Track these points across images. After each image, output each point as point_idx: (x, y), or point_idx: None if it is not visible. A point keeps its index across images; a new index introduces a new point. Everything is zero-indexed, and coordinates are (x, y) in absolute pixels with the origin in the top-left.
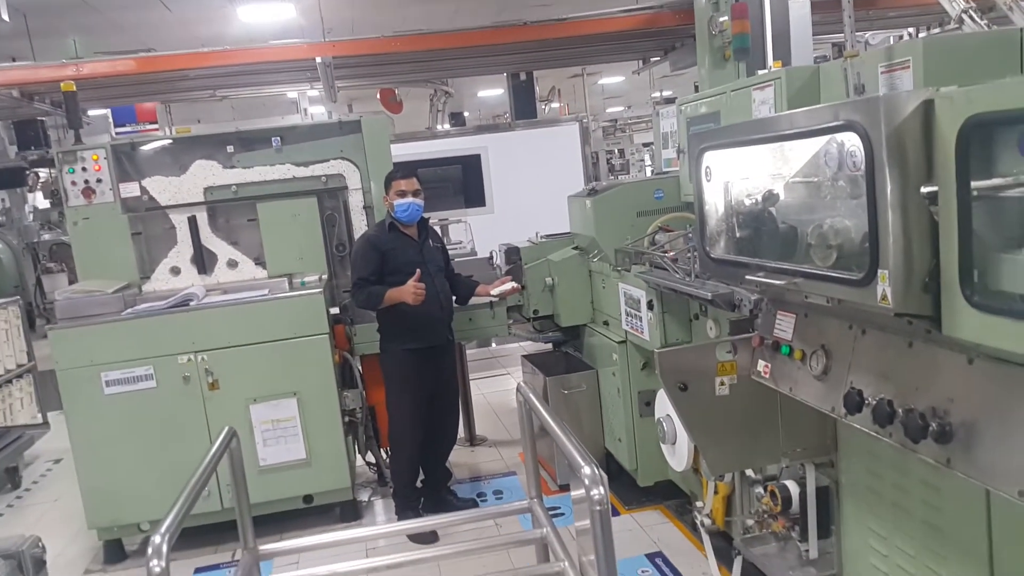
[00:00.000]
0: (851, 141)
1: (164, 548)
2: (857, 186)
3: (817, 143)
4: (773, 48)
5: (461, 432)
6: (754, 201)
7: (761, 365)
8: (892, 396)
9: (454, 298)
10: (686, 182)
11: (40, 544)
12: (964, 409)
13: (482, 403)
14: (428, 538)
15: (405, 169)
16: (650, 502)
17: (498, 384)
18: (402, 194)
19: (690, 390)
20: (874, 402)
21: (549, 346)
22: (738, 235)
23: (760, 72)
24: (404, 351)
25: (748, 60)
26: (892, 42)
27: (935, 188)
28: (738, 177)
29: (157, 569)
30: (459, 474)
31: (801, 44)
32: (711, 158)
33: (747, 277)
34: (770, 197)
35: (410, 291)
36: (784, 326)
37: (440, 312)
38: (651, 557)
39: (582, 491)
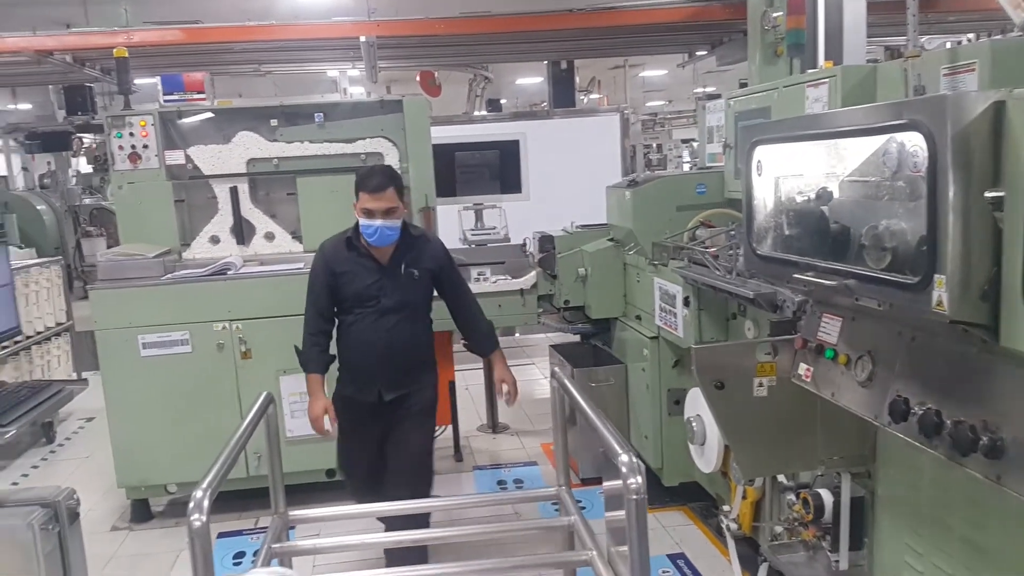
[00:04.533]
0: (913, 141)
1: (205, 503)
2: (917, 187)
3: (876, 142)
4: (825, 47)
5: (483, 419)
6: (806, 199)
7: (803, 368)
8: (940, 407)
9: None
10: (731, 178)
11: (75, 497)
12: (1018, 424)
13: None
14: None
15: (380, 176)
16: (674, 502)
17: (522, 373)
18: (368, 214)
19: (726, 389)
20: (921, 412)
21: (577, 338)
22: (787, 233)
23: (811, 71)
24: (336, 394)
25: (801, 58)
26: (949, 46)
27: (1002, 193)
28: (790, 173)
29: (197, 524)
30: (479, 460)
31: (854, 44)
32: (763, 152)
33: (795, 276)
34: (823, 195)
35: (312, 414)
36: (829, 329)
37: (378, 363)
38: (673, 558)
39: (616, 482)
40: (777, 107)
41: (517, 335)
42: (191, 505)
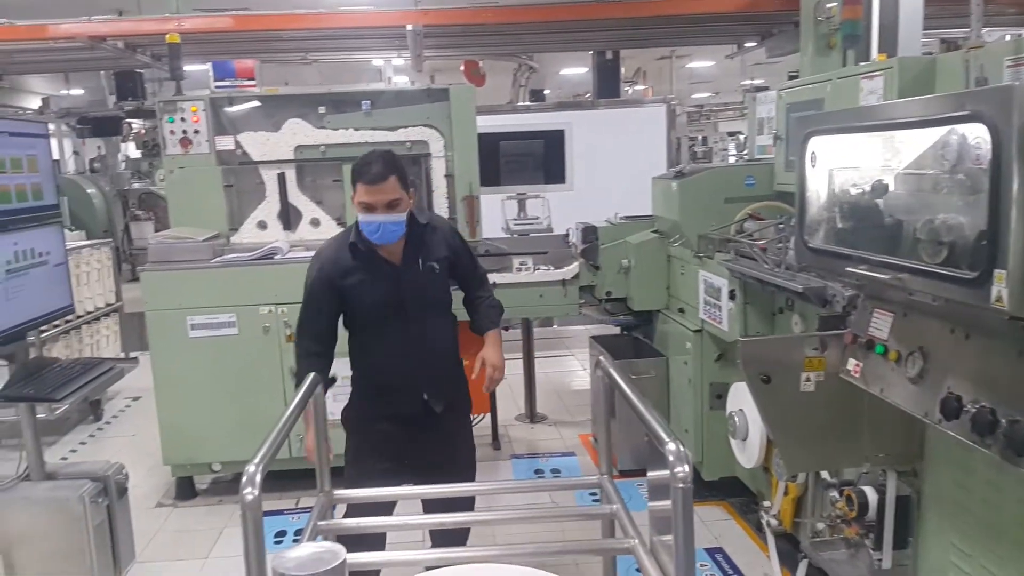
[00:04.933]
0: (975, 133)
1: (257, 477)
2: (977, 180)
3: (935, 134)
4: (879, 39)
5: (522, 409)
6: (860, 191)
7: (851, 364)
8: (995, 405)
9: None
10: (781, 170)
11: (124, 472)
12: None
13: (544, 382)
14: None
15: (379, 164)
16: (713, 497)
17: (561, 364)
18: (367, 208)
19: (773, 383)
20: (974, 410)
21: (617, 329)
22: (839, 226)
23: (867, 63)
24: (361, 410)
25: (856, 49)
26: (1009, 39)
27: None
28: (844, 165)
29: (250, 497)
30: (517, 449)
31: (910, 36)
32: (817, 144)
33: (848, 269)
34: (878, 188)
35: (309, 445)
36: (880, 324)
37: (421, 375)
38: (711, 552)
39: (660, 472)
40: (830, 99)
41: (555, 326)
42: (244, 479)
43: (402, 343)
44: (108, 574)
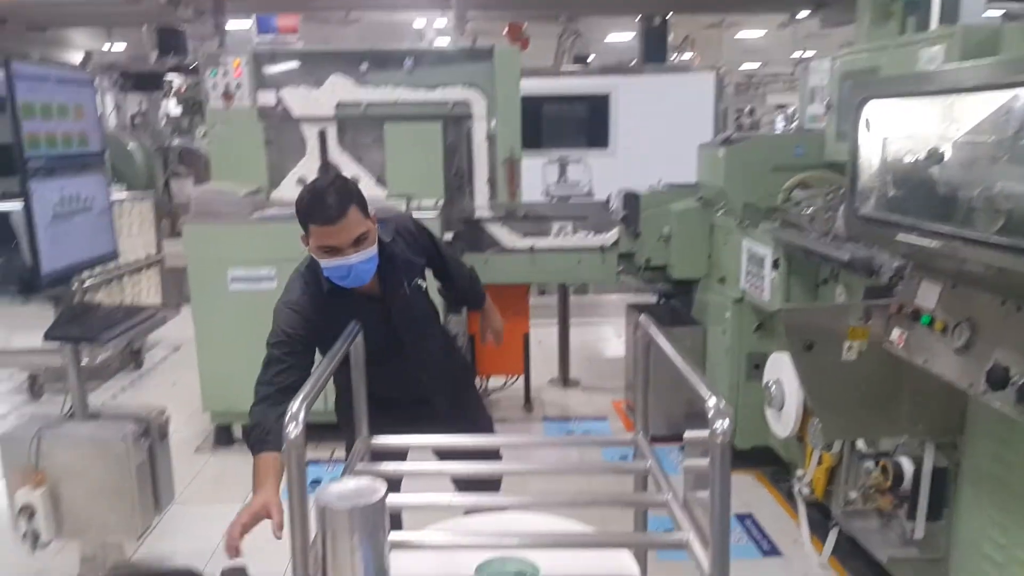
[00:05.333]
0: None
1: (301, 415)
2: None
3: (997, 99)
4: (941, 9)
5: (555, 373)
6: (915, 158)
7: (896, 334)
8: None
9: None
10: (831, 140)
11: (166, 415)
12: None
13: (578, 348)
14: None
15: (333, 196)
16: (744, 466)
17: (595, 332)
18: (330, 252)
19: (815, 351)
20: (1022, 381)
21: (654, 298)
22: (891, 194)
23: (928, 31)
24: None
25: (916, 17)
26: None
27: None
28: (899, 132)
29: (294, 434)
30: (549, 412)
31: (973, 5)
32: (873, 109)
33: (898, 238)
34: (934, 155)
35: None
36: (928, 295)
37: (415, 388)
38: (740, 518)
39: (698, 432)
40: (887, 68)
41: (590, 294)
42: (288, 416)
43: (401, 370)
44: (149, 512)
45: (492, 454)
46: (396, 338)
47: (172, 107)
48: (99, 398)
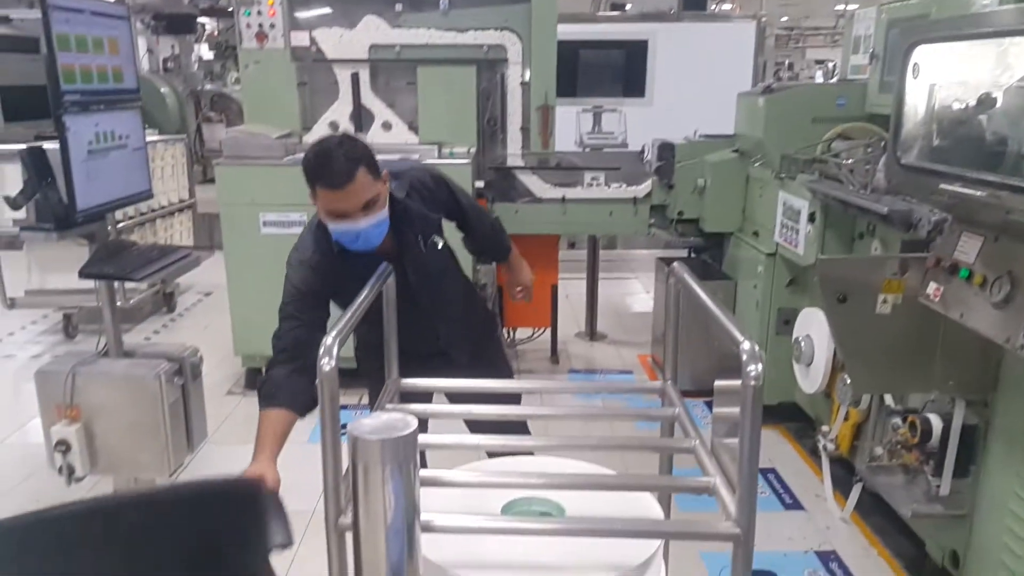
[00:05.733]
0: None
1: (335, 349)
2: None
3: None
4: None
5: (582, 326)
6: (963, 106)
7: (932, 288)
8: None
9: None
10: (874, 91)
11: (198, 355)
12: None
13: (605, 301)
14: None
15: (340, 161)
16: (769, 421)
17: (624, 286)
18: (338, 217)
19: (849, 303)
20: None
21: (684, 252)
22: (936, 143)
23: None
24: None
25: None
26: None
27: None
28: (948, 78)
29: (327, 368)
30: (575, 364)
31: None
32: (922, 54)
33: (941, 187)
34: (985, 101)
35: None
36: (967, 248)
37: (432, 345)
38: (764, 472)
39: (728, 381)
40: (937, 16)
41: (619, 248)
42: (322, 351)
43: (417, 326)
44: (181, 450)
45: (516, 400)
46: (412, 295)
47: (205, 51)
48: (132, 340)
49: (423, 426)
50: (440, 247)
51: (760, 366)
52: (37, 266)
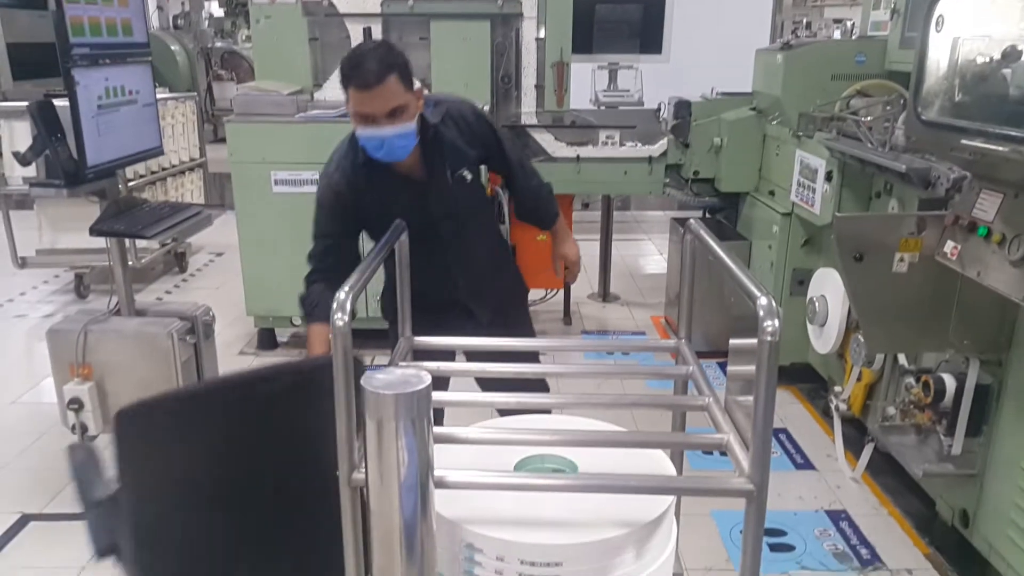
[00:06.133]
0: None
1: (348, 305)
2: None
3: None
4: None
5: (595, 288)
6: (987, 59)
7: (949, 246)
8: None
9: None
10: (895, 48)
11: (211, 313)
12: None
13: (618, 263)
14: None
15: (372, 61)
16: (782, 382)
17: (637, 248)
18: (364, 120)
19: (865, 262)
20: None
21: (699, 213)
22: (958, 98)
23: None
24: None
25: None
26: None
27: None
28: (973, 31)
29: (340, 323)
30: (588, 326)
31: None
32: (946, 6)
33: (962, 142)
34: (1009, 55)
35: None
36: (987, 206)
37: (455, 291)
38: (775, 432)
39: (743, 340)
40: None
41: (633, 209)
42: (335, 306)
43: (436, 266)
44: None
45: (533, 359)
46: (433, 228)
47: (215, 8)
48: (144, 300)
49: (444, 384)
50: (469, 181)
51: (777, 322)
52: (48, 225)
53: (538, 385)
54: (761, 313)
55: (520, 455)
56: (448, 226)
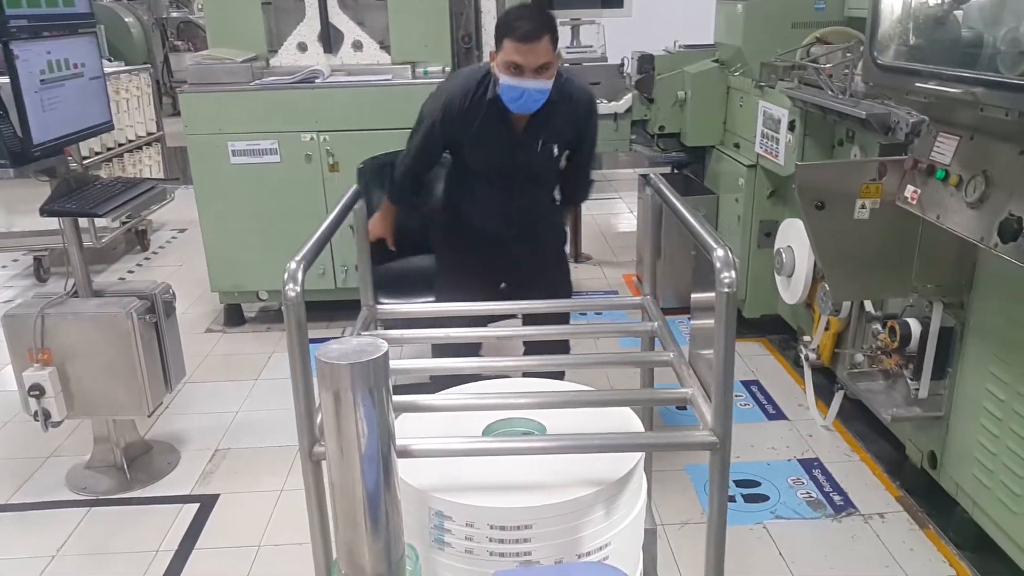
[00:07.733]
0: None
1: (299, 275)
2: None
3: None
4: None
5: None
6: (940, 1)
7: (909, 191)
8: None
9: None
10: None
11: (171, 291)
12: None
13: (589, 223)
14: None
15: (534, 21)
16: (752, 335)
17: (608, 207)
18: (514, 69)
19: (827, 209)
20: None
21: (667, 169)
22: (913, 41)
23: None
24: (452, 232)
25: None
26: None
27: None
28: None
29: (292, 293)
30: None
31: None
32: None
33: (917, 85)
34: None
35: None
36: (944, 149)
37: (510, 229)
38: (747, 384)
39: (705, 294)
40: None
41: (603, 169)
42: (286, 276)
43: (501, 206)
44: (159, 389)
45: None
46: (509, 178)
47: None
48: (105, 280)
49: (475, 350)
50: (553, 155)
51: (733, 273)
52: (2, 208)
53: (561, 347)
54: (718, 265)
55: (488, 420)
56: (521, 181)
